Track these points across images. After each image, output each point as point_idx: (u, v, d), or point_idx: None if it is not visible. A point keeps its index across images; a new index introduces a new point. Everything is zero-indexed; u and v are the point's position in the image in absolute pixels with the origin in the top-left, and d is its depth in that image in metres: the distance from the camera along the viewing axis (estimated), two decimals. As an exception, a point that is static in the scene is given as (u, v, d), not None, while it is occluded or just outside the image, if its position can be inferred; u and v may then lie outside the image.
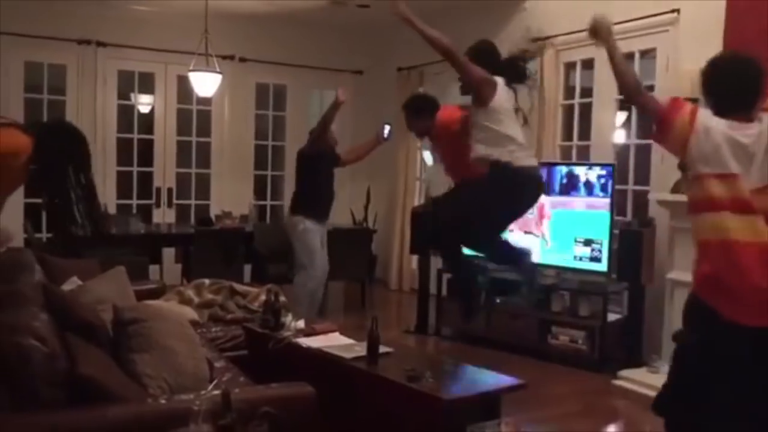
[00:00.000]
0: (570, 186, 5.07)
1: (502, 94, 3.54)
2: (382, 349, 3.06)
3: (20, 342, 2.11)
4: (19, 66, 6.71)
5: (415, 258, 7.04)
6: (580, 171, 5.04)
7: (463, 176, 3.84)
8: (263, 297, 4.25)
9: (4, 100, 6.59)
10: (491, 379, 2.84)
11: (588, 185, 4.96)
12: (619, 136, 5.69)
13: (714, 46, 4.27)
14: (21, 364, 2.08)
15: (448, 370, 3.00)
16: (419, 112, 4.10)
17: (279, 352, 3.35)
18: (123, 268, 3.58)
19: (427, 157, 6.41)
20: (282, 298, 4.26)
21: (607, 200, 4.84)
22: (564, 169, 5.15)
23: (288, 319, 3.55)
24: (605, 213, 4.84)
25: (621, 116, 5.67)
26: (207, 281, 4.44)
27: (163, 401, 2.19)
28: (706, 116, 2.56)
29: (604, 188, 4.87)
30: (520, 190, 3.56)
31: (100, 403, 2.11)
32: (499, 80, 3.56)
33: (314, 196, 5.41)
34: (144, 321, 2.60)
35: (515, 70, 3.68)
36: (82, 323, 2.58)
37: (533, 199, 3.74)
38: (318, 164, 5.40)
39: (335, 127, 5.75)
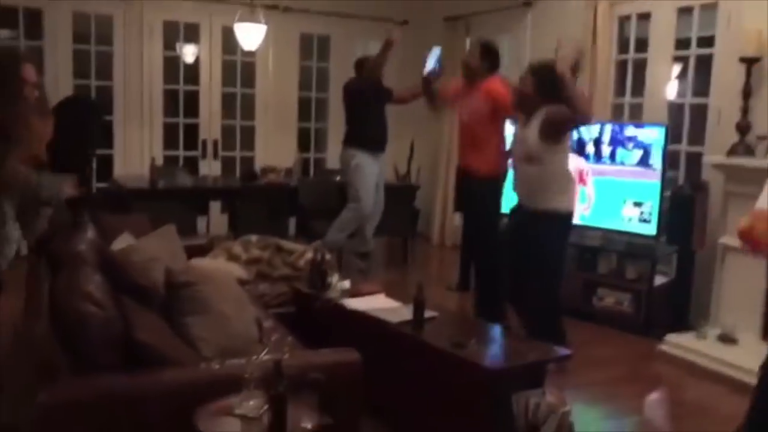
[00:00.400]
0: (621, 146, 4.94)
1: None
2: (428, 313, 3.07)
3: (78, 308, 2.17)
4: (68, 17, 6.74)
5: (458, 215, 7.00)
6: (632, 131, 4.89)
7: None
8: (309, 255, 4.29)
9: (53, 51, 6.67)
10: (538, 349, 2.82)
11: (639, 146, 4.83)
12: (674, 94, 5.48)
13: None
14: (80, 329, 2.14)
15: (494, 337, 3.00)
16: None
17: (325, 313, 3.40)
18: (173, 226, 3.63)
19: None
20: (328, 257, 4.31)
21: (659, 162, 4.71)
22: (615, 128, 5.02)
23: (334, 279, 3.58)
24: (656, 175, 4.72)
25: (677, 72, 5.45)
26: (254, 238, 4.48)
27: (216, 366, 2.23)
28: None
29: (655, 150, 4.73)
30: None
31: (156, 367, 2.17)
32: None
33: (365, 129, 5.38)
34: (196, 284, 2.65)
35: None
36: (136, 286, 2.65)
37: None
38: (366, 98, 5.36)
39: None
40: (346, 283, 3.57)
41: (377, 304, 3.31)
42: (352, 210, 5.45)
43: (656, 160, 4.71)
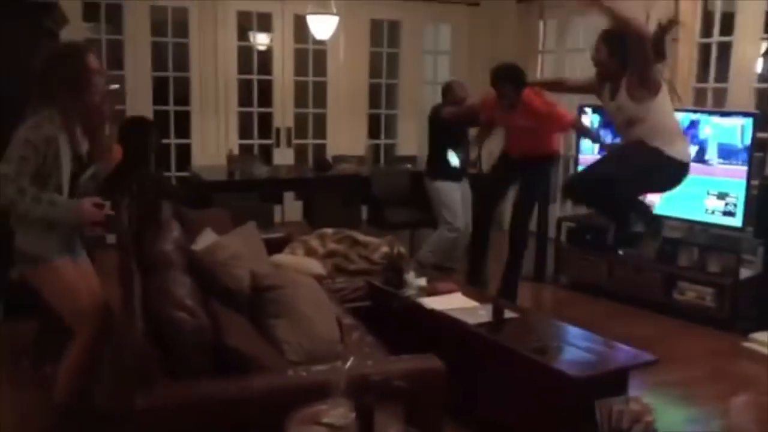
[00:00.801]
0: (704, 137, 4.76)
1: None
2: (507, 314, 3.06)
3: (172, 315, 2.25)
4: (145, 10, 6.92)
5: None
6: (717, 119, 4.71)
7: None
8: (384, 248, 4.34)
9: (133, 44, 6.87)
10: (622, 355, 2.78)
11: (725, 135, 4.65)
12: (762, 78, 5.24)
13: None
14: (173, 336, 2.23)
15: (576, 341, 2.97)
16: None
17: (402, 311, 3.43)
18: (253, 222, 3.72)
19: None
20: (401, 249, 4.34)
21: (746, 152, 4.52)
22: (699, 117, 4.84)
23: (410, 276, 3.61)
24: (742, 166, 4.53)
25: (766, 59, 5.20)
26: (330, 231, 4.55)
27: (303, 373, 2.29)
28: None
29: (742, 139, 4.54)
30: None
31: (246, 373, 2.25)
32: None
33: (445, 160, 5.34)
34: (281, 288, 2.73)
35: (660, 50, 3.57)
36: (224, 289, 2.74)
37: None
38: (447, 129, 5.33)
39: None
40: (422, 281, 3.59)
41: (454, 303, 3.32)
42: (446, 230, 5.48)
43: (743, 149, 4.53)
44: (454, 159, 5.25)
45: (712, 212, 4.74)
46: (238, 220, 4.24)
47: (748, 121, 4.55)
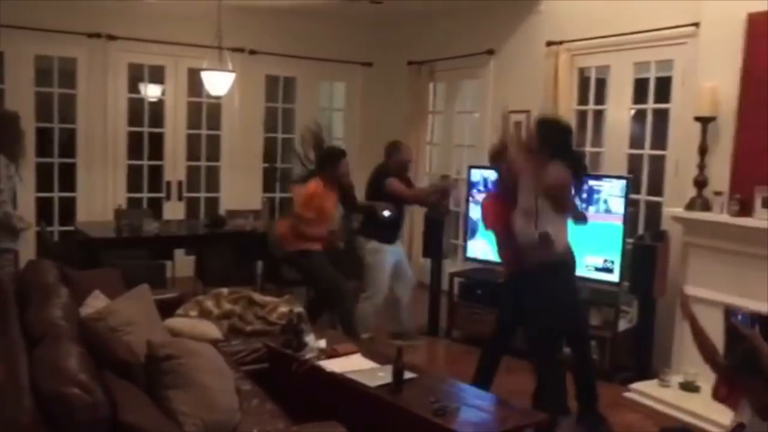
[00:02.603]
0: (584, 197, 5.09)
1: None
2: (407, 374, 3.12)
3: (64, 392, 2.15)
4: (30, 59, 6.68)
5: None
6: (594, 183, 5.06)
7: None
8: (282, 308, 4.31)
9: (14, 93, 6.59)
10: (516, 414, 2.89)
11: (601, 197, 4.99)
12: (633, 145, 5.67)
13: (733, 65, 4.30)
14: (66, 414, 2.12)
15: (474, 400, 3.06)
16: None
17: (302, 373, 3.41)
18: (146, 285, 3.62)
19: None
20: (300, 309, 4.32)
21: (621, 213, 4.86)
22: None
23: (310, 339, 3.60)
24: (618, 225, 4.87)
25: (635, 125, 5.66)
26: (225, 291, 4.48)
27: (202, 447, 2.23)
28: None
29: (617, 200, 4.89)
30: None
31: (143, 450, 2.17)
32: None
33: (380, 222, 5.38)
34: (178, 357, 2.65)
35: (580, 168, 3.86)
36: (118, 359, 2.64)
37: None
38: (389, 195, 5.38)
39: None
40: (322, 343, 3.59)
41: (354, 365, 3.34)
42: (365, 298, 5.46)
43: (618, 210, 4.87)
44: (386, 212, 5.23)
45: (593, 269, 5.04)
46: (129, 279, 4.11)
47: (623, 184, 4.91)
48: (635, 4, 5.33)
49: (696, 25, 4.73)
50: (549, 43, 5.97)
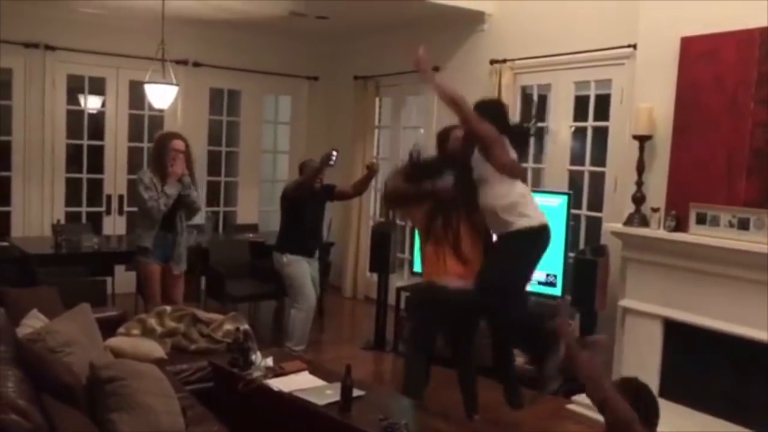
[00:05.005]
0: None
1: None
2: (355, 392, 3.11)
3: (1, 418, 2.08)
4: (-38, 69, 6.46)
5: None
6: (538, 198, 5.15)
7: None
8: (227, 326, 4.25)
9: (-55, 104, 6.35)
10: (461, 429, 2.92)
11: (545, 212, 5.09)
12: (573, 161, 5.82)
13: (668, 86, 4.47)
14: (3, 442, 2.05)
15: (423, 418, 3.08)
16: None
17: (248, 392, 3.37)
18: (87, 305, 3.51)
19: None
20: (245, 326, 4.26)
21: (563, 228, 4.98)
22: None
23: (257, 358, 3.56)
24: (560, 240, 4.98)
25: (575, 142, 5.81)
26: (169, 308, 4.38)
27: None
28: None
29: (559, 217, 5.00)
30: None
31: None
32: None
33: (296, 235, 5.36)
34: (122, 379, 2.60)
35: (522, 136, 3.91)
36: (58, 382, 2.56)
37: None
38: (300, 205, 5.36)
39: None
40: (269, 361, 3.55)
41: (302, 383, 3.32)
42: (297, 309, 5.43)
43: (560, 226, 4.98)
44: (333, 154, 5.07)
45: (536, 282, 5.13)
46: (67, 297, 3.99)
47: (564, 199, 5.03)
48: (576, 25, 5.49)
49: (633, 46, 4.90)
50: (492, 62, 6.10)
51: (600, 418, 3.98)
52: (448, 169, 3.93)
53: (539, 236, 3.77)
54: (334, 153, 5.07)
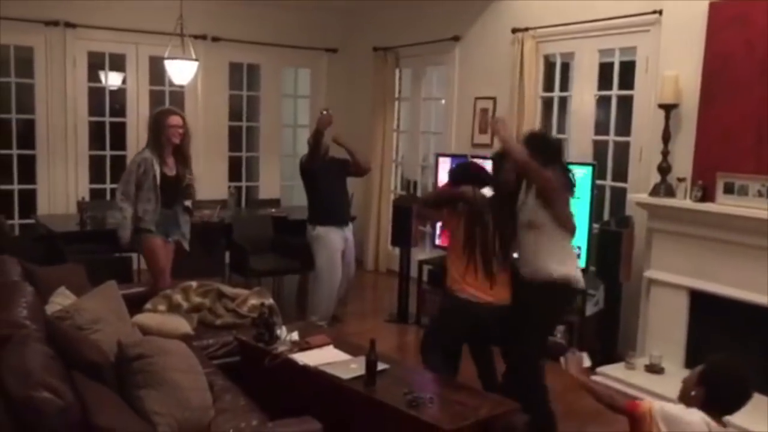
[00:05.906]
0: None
1: None
2: (380, 366, 3.13)
3: (33, 396, 2.11)
4: (-16, 48, 6.49)
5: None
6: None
7: None
8: (252, 301, 4.28)
9: (-30, 83, 6.40)
10: (489, 403, 2.92)
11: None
12: (598, 131, 5.72)
13: (695, 53, 4.37)
14: (35, 419, 2.09)
15: (445, 390, 3.08)
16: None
17: (274, 367, 3.40)
18: (114, 282, 3.56)
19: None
20: (269, 301, 4.29)
21: (587, 199, 4.92)
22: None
23: (282, 332, 3.59)
24: (585, 212, 4.93)
25: (600, 111, 5.71)
26: (194, 284, 4.43)
27: (177, 448, 2.22)
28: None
29: (583, 187, 4.94)
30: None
31: (117, 452, 2.14)
32: None
33: (320, 206, 5.37)
34: (149, 356, 2.62)
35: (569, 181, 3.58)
36: (87, 360, 2.60)
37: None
38: (318, 175, 5.37)
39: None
40: (295, 335, 3.58)
41: (327, 358, 3.34)
42: (312, 281, 5.45)
43: (585, 197, 4.93)
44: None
45: (560, 254, 5.09)
46: (94, 274, 4.04)
47: (588, 170, 4.96)
48: (599, -9, 5.37)
49: (659, 12, 4.78)
50: (514, 30, 6.00)
51: (627, 389, 3.96)
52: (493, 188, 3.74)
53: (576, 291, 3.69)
54: (324, 112, 5.25)
